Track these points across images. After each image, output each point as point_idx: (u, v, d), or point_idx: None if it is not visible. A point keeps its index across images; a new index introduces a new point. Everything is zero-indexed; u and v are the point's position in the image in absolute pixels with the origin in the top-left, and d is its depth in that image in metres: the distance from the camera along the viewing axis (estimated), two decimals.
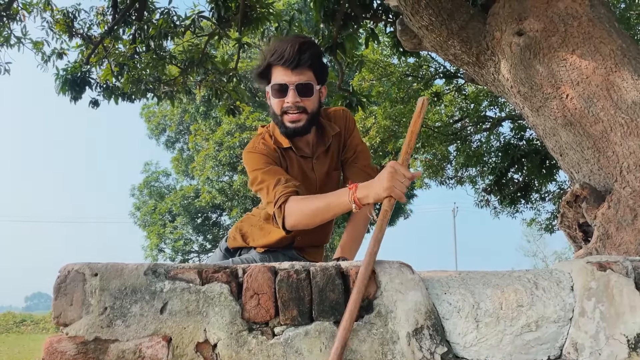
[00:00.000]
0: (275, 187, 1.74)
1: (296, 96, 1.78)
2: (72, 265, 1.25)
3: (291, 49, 1.74)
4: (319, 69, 1.84)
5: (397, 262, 1.30)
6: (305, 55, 1.76)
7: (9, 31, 6.03)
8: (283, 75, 1.77)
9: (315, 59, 1.80)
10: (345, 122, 2.01)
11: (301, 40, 1.80)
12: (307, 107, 1.81)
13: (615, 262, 1.28)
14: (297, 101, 1.78)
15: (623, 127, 2.42)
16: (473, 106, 10.38)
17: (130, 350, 1.20)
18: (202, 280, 1.25)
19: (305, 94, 1.79)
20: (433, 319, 1.22)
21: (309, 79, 1.79)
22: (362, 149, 2.01)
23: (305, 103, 1.80)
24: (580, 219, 2.54)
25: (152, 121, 21.22)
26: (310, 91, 1.79)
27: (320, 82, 1.86)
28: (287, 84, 1.77)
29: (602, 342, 1.21)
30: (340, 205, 1.58)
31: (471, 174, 11.25)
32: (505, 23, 2.84)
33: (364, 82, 10.12)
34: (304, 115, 1.81)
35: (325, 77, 1.89)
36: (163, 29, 5.43)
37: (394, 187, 1.41)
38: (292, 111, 1.79)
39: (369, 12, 5.06)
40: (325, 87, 1.93)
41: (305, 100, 1.79)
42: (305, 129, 1.84)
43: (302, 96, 1.78)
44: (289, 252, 2.12)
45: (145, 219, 19.73)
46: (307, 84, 1.78)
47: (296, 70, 1.76)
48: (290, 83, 1.77)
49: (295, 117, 1.80)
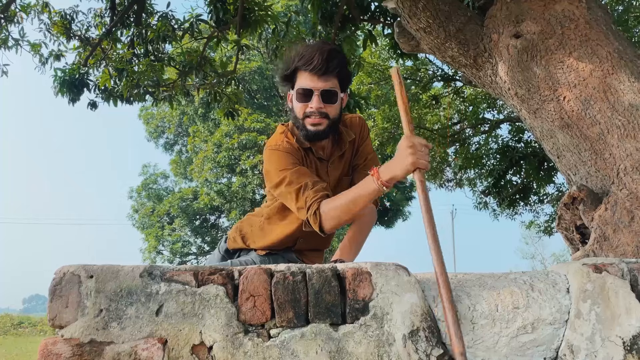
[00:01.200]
0: (305, 192, 1.75)
1: (320, 102, 1.81)
2: (68, 267, 1.25)
3: (320, 56, 1.77)
4: (344, 76, 1.87)
5: (393, 264, 1.30)
6: (333, 63, 1.79)
7: (6, 33, 6.03)
8: (309, 80, 1.80)
9: (342, 68, 1.83)
10: (360, 130, 2.03)
11: (329, 47, 1.83)
12: (330, 113, 1.84)
13: (611, 264, 1.28)
14: (320, 107, 1.81)
15: (620, 130, 2.43)
16: (471, 108, 10.40)
17: (125, 352, 1.19)
18: (198, 283, 1.25)
19: (329, 101, 1.82)
20: (429, 321, 1.22)
21: (333, 86, 1.82)
22: (372, 157, 2.02)
23: (328, 109, 1.83)
24: (577, 221, 2.55)
25: (150, 123, 21.22)
26: (334, 98, 1.82)
27: (344, 90, 1.90)
28: (313, 90, 1.80)
29: (598, 344, 1.21)
30: (370, 193, 1.61)
31: (470, 176, 11.26)
32: (503, 25, 2.85)
33: (362, 86, 10.13)
34: (326, 121, 1.84)
35: (348, 84, 1.92)
36: (161, 32, 5.43)
37: (419, 159, 1.46)
38: (315, 116, 1.82)
39: (366, 15, 5.07)
40: (346, 94, 1.96)
41: (328, 107, 1.82)
42: (326, 134, 1.87)
43: (326, 102, 1.81)
44: (288, 255, 2.11)
45: (144, 221, 19.70)
46: (332, 91, 1.81)
47: (323, 77, 1.79)
48: (316, 89, 1.80)
49: (317, 121, 1.83)
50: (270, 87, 17.50)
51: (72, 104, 5.98)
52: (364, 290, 1.24)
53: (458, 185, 11.49)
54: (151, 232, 19.19)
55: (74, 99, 5.95)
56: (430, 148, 1.51)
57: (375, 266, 1.27)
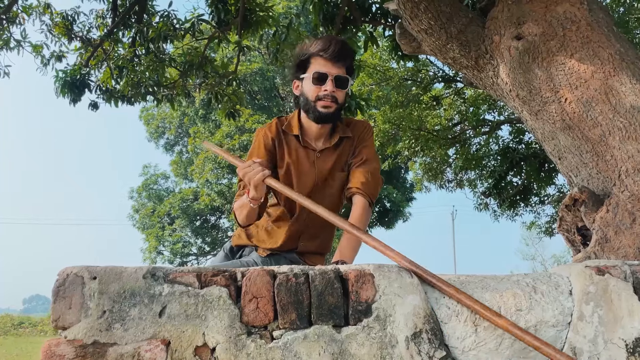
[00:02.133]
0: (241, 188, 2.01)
1: (333, 86, 1.95)
2: (71, 269, 1.25)
3: (335, 45, 1.94)
4: (351, 68, 2.04)
5: (396, 266, 1.30)
6: (346, 51, 1.97)
7: (8, 34, 6.04)
8: (324, 66, 1.95)
9: (351, 58, 2.02)
10: (361, 132, 2.12)
11: (342, 39, 2.03)
12: (339, 98, 1.98)
13: (613, 266, 1.28)
14: (333, 90, 1.95)
15: (621, 131, 2.43)
16: (472, 110, 10.40)
17: (128, 353, 1.19)
18: (201, 284, 1.25)
19: (341, 86, 1.97)
20: (432, 322, 1.22)
21: (345, 72, 1.98)
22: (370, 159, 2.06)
23: (338, 94, 1.97)
24: (579, 223, 2.54)
25: (151, 124, 21.23)
26: (345, 84, 1.98)
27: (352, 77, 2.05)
28: (328, 74, 1.94)
29: (601, 346, 1.21)
30: (245, 204, 1.90)
31: (470, 177, 11.26)
32: (504, 27, 2.85)
33: (363, 87, 10.14)
34: (335, 105, 1.97)
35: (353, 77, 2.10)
36: (163, 32, 5.43)
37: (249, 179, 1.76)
38: (327, 99, 1.95)
39: (367, 16, 5.07)
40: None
41: (339, 92, 1.97)
42: (335, 116, 2.00)
43: (337, 87, 1.96)
44: (290, 256, 2.12)
45: (144, 221, 19.71)
46: (344, 78, 1.97)
47: (337, 63, 1.95)
48: (330, 74, 1.94)
49: (328, 104, 1.96)
50: (271, 88, 17.52)
51: (73, 104, 5.98)
52: (367, 292, 1.24)
53: (459, 186, 11.49)
54: (152, 232, 19.20)
55: (75, 99, 5.96)
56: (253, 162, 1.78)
57: (378, 268, 1.27)
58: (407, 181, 18.82)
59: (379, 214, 17.69)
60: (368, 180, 1.97)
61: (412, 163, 12.06)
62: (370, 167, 2.02)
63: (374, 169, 2.03)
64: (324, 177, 2.05)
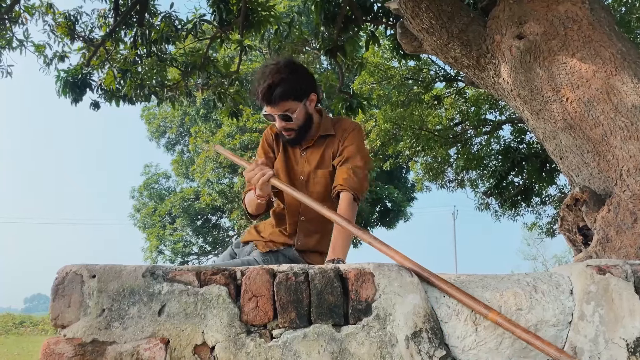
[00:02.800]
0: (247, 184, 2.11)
1: (281, 122, 2.04)
2: (70, 267, 1.25)
3: (264, 89, 1.98)
4: (297, 92, 2.02)
5: (396, 265, 1.29)
6: (277, 92, 1.97)
7: (11, 34, 6.04)
8: (266, 107, 2.04)
9: (286, 93, 1.99)
10: (345, 132, 2.14)
11: (271, 79, 1.98)
12: (294, 126, 2.06)
13: (614, 265, 1.28)
14: (283, 126, 2.05)
15: (623, 131, 2.42)
16: (473, 109, 10.38)
17: (127, 352, 1.19)
18: (201, 283, 1.25)
19: (287, 120, 2.03)
20: (432, 322, 1.22)
21: (286, 107, 2.00)
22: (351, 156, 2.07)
23: (290, 125, 2.05)
24: (580, 223, 2.54)
25: (152, 123, 21.23)
26: (290, 118, 2.03)
27: (304, 96, 2.05)
28: (272, 114, 2.03)
29: (602, 345, 1.20)
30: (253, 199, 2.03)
31: (471, 177, 11.25)
32: (506, 26, 2.84)
33: (364, 86, 10.13)
34: (293, 132, 2.07)
35: (308, 89, 2.07)
36: (165, 33, 5.43)
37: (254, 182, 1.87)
38: (284, 131, 2.08)
39: (369, 15, 5.07)
40: (314, 94, 2.09)
41: (290, 123, 2.04)
42: (299, 139, 2.11)
43: (285, 121, 2.03)
44: (290, 254, 2.13)
45: (145, 220, 19.71)
46: (285, 115, 2.02)
47: (272, 104, 2.01)
48: (274, 113, 2.02)
49: (287, 134, 2.08)
50: None
51: (74, 104, 5.99)
52: (367, 291, 1.24)
53: (460, 186, 11.48)
54: (153, 231, 19.19)
55: (77, 99, 5.96)
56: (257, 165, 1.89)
57: (378, 267, 1.26)
58: (408, 181, 18.80)
59: (380, 214, 17.68)
60: (350, 176, 2.00)
61: (413, 163, 12.05)
62: (352, 164, 2.05)
63: (356, 166, 2.04)
64: (308, 173, 2.12)
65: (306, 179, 2.12)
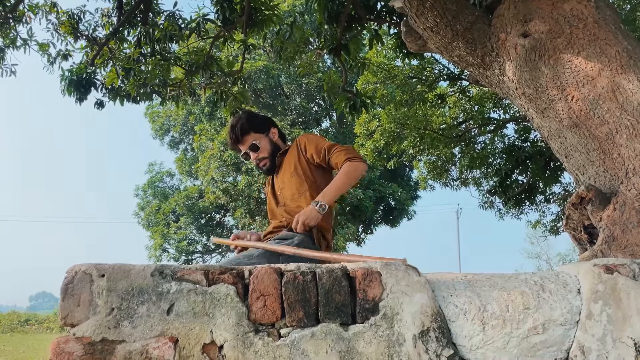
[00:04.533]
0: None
1: (253, 153, 2.60)
2: (80, 266, 1.26)
3: (229, 134, 2.60)
4: (255, 125, 2.60)
5: (403, 264, 1.30)
6: (237, 129, 2.57)
7: (15, 33, 6.06)
8: (239, 149, 2.64)
9: (245, 125, 2.57)
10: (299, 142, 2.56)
11: (232, 123, 2.63)
12: (264, 154, 2.61)
13: (622, 265, 1.28)
14: (255, 156, 2.61)
15: (629, 129, 2.41)
16: (477, 108, 10.36)
17: (137, 351, 1.20)
18: (209, 282, 1.26)
19: (256, 149, 2.60)
20: (439, 321, 1.22)
21: (252, 140, 2.59)
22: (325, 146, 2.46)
23: (260, 154, 2.60)
24: (585, 221, 2.53)
25: (156, 122, 21.26)
26: (257, 148, 2.59)
27: (265, 130, 2.63)
28: (245, 152, 2.62)
29: (609, 345, 1.20)
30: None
31: (475, 175, 11.22)
32: (511, 25, 2.84)
33: (367, 86, 10.11)
34: (266, 160, 2.61)
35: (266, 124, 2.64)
36: (168, 32, 5.43)
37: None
38: (258, 162, 2.62)
39: (373, 14, 5.06)
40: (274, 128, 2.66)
41: (259, 152, 2.60)
42: (272, 167, 2.62)
43: (255, 151, 2.60)
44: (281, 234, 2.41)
45: (149, 219, 19.75)
46: (252, 145, 2.59)
47: (240, 142, 2.60)
48: (245, 149, 2.62)
49: (261, 164, 2.63)
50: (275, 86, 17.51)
51: (79, 103, 6.01)
52: (374, 290, 1.24)
53: (463, 185, 11.45)
54: (157, 230, 19.24)
55: (81, 98, 5.97)
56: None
57: (386, 266, 1.27)
58: (411, 179, 18.79)
59: (383, 212, 17.68)
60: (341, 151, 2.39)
61: (417, 162, 12.03)
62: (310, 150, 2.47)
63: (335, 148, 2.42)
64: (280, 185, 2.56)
65: (281, 189, 2.55)
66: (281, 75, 17.23)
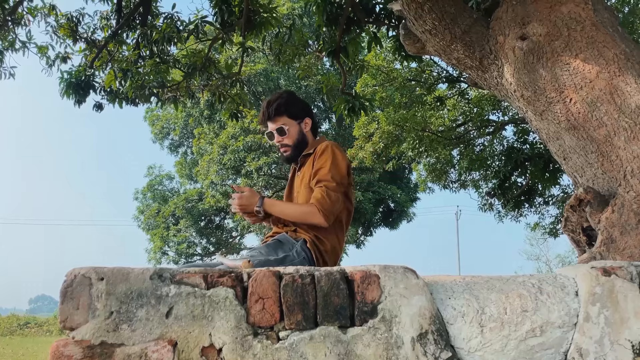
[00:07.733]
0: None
1: (278, 136, 2.42)
2: (79, 270, 1.26)
3: (264, 107, 2.43)
4: (291, 110, 2.42)
5: (401, 267, 1.30)
6: (272, 107, 2.40)
7: (14, 35, 6.07)
8: (268, 126, 2.47)
9: (282, 107, 2.40)
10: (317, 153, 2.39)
11: (270, 98, 2.46)
12: (289, 142, 2.42)
13: (619, 267, 1.28)
14: (279, 140, 2.42)
15: (627, 132, 2.42)
16: (476, 110, 10.37)
17: (136, 354, 1.20)
18: (208, 285, 1.26)
19: (282, 134, 2.41)
20: (437, 323, 1.22)
21: (283, 123, 2.40)
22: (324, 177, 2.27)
23: (285, 140, 2.42)
24: (584, 223, 2.54)
25: (156, 125, 21.26)
26: (284, 133, 2.41)
27: (299, 118, 2.44)
28: (271, 131, 2.44)
29: (607, 347, 1.21)
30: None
31: (474, 177, 11.23)
32: (509, 27, 2.84)
33: (366, 88, 10.12)
34: (289, 147, 2.43)
35: (303, 112, 2.46)
36: (167, 33, 5.44)
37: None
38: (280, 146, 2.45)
39: (371, 17, 5.08)
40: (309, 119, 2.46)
41: (285, 138, 2.42)
42: (294, 156, 2.45)
43: (281, 135, 2.41)
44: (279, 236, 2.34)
45: (149, 222, 19.73)
46: (280, 128, 2.40)
47: (271, 120, 2.42)
48: (272, 129, 2.43)
49: (282, 150, 2.45)
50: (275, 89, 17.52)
51: (78, 105, 6.01)
52: (373, 293, 1.24)
53: (462, 187, 11.46)
54: (157, 233, 19.22)
55: (80, 100, 5.97)
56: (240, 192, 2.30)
57: (384, 269, 1.27)
58: (411, 181, 18.79)
59: (382, 214, 17.67)
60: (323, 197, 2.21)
61: (416, 164, 12.05)
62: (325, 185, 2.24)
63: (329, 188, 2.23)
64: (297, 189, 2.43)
65: (297, 192, 2.42)
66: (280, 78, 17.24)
